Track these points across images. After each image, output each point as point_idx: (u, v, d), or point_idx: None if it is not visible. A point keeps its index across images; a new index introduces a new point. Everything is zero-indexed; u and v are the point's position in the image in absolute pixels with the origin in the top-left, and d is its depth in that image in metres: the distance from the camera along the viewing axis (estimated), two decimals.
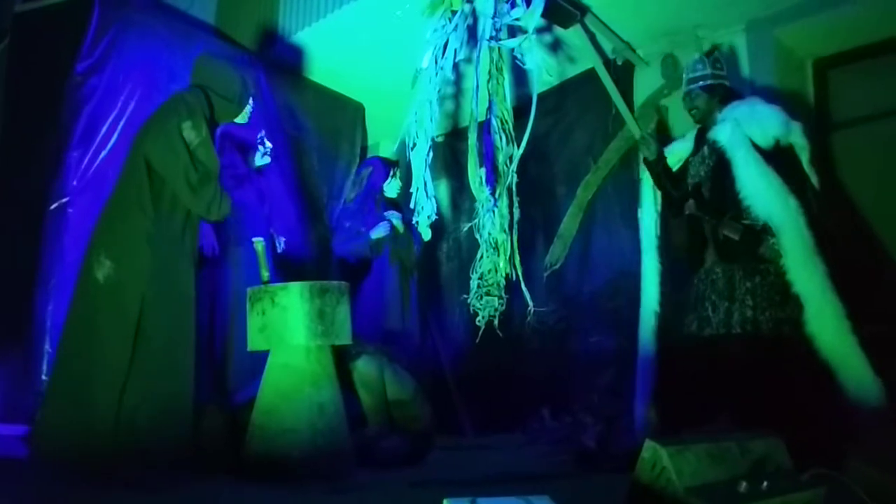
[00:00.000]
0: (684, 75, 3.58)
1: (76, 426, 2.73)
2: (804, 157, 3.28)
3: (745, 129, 3.24)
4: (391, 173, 4.57)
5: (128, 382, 2.77)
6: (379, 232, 4.37)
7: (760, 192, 3.13)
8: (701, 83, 3.45)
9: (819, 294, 3.00)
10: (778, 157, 3.21)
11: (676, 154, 3.69)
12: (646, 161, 3.73)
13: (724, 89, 3.47)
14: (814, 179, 3.28)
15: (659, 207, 3.86)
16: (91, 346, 2.80)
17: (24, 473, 2.86)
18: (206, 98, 3.11)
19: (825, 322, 2.98)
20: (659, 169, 3.67)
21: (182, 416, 2.93)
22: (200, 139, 2.97)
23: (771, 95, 3.84)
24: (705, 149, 3.44)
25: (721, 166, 3.31)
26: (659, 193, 3.80)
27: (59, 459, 2.71)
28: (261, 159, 4.22)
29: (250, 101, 3.36)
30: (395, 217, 4.48)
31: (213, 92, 3.16)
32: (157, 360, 2.86)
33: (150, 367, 2.82)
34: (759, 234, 3.13)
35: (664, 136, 4.47)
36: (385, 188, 4.64)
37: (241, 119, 3.35)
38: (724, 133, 3.30)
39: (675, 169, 3.66)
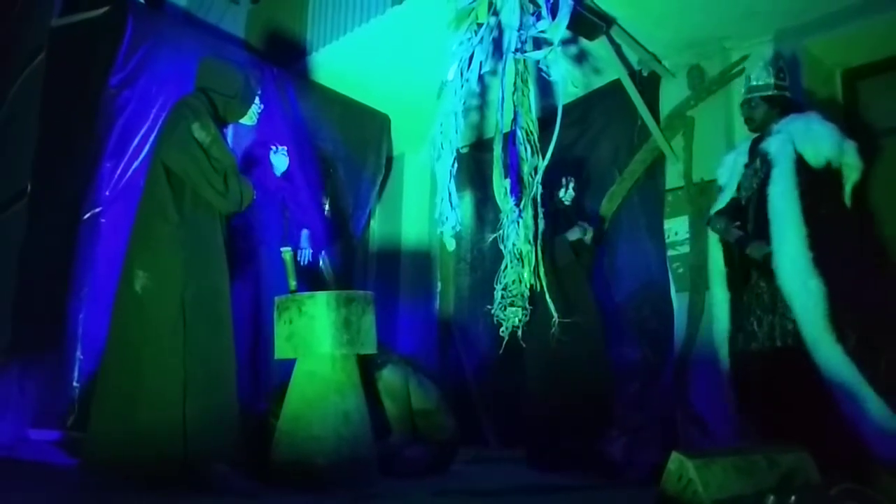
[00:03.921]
0: (745, 83, 3.53)
1: (139, 436, 2.75)
2: (854, 177, 3.21)
3: (799, 145, 3.20)
4: (563, 183, 4.47)
5: (187, 389, 2.82)
6: (575, 234, 4.21)
7: (778, 212, 3.15)
8: (762, 93, 3.41)
9: (811, 319, 3.01)
10: (825, 178, 3.18)
11: (730, 167, 3.61)
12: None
13: (784, 100, 3.41)
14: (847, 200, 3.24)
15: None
16: (143, 358, 2.83)
17: (69, 480, 2.94)
18: (207, 99, 3.18)
19: (817, 344, 2.99)
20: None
21: (230, 421, 2.97)
22: (211, 137, 3.02)
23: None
24: (758, 160, 3.39)
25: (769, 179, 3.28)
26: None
27: (120, 468, 2.75)
28: (277, 158, 4.26)
29: (257, 100, 3.38)
30: (585, 228, 4.28)
31: (214, 92, 3.21)
32: (204, 361, 2.90)
33: (200, 369, 2.87)
34: None
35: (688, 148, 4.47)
36: (560, 197, 4.42)
37: (249, 120, 3.39)
38: (773, 146, 3.28)
39: (729, 181, 3.61)
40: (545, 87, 4.18)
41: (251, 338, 4.00)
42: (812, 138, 3.19)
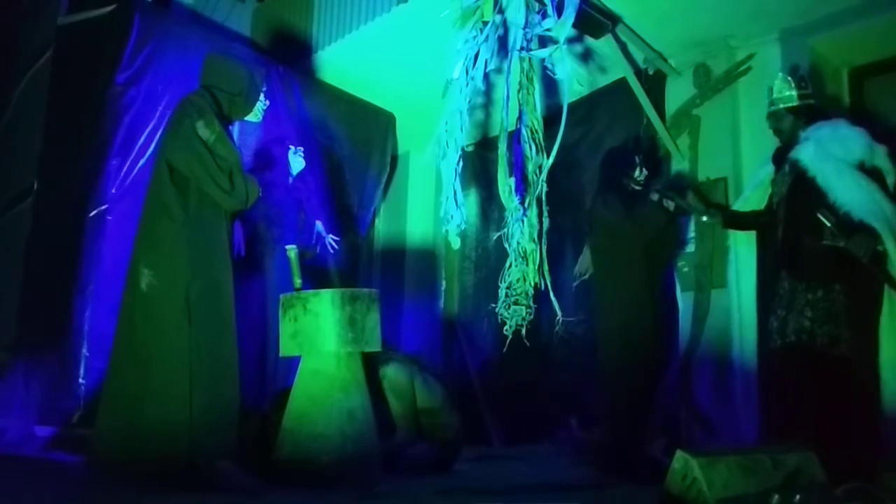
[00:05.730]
0: (768, 96, 3.52)
1: (145, 433, 2.77)
2: (889, 181, 3.20)
3: (828, 149, 3.19)
4: (638, 162, 4.16)
5: (193, 386, 2.83)
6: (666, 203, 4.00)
7: (859, 199, 3.07)
8: (786, 105, 3.41)
9: None
10: None
11: (761, 181, 3.67)
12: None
13: (808, 108, 3.41)
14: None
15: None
16: (150, 355, 2.85)
17: (75, 476, 2.96)
18: (211, 97, 3.18)
19: None
20: (728, 223, 3.83)
21: (231, 419, 2.98)
22: (216, 135, 3.02)
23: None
24: (786, 167, 3.39)
25: (798, 184, 3.27)
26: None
27: (127, 465, 2.76)
28: (294, 158, 4.27)
29: (262, 97, 3.37)
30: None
31: (218, 90, 3.21)
32: (210, 359, 2.92)
33: (206, 366, 2.89)
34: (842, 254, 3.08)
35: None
36: (636, 178, 4.16)
37: (254, 117, 3.39)
38: (806, 152, 3.26)
39: (761, 192, 3.67)
40: (550, 86, 4.18)
41: (263, 336, 4.01)
42: (840, 141, 3.20)
